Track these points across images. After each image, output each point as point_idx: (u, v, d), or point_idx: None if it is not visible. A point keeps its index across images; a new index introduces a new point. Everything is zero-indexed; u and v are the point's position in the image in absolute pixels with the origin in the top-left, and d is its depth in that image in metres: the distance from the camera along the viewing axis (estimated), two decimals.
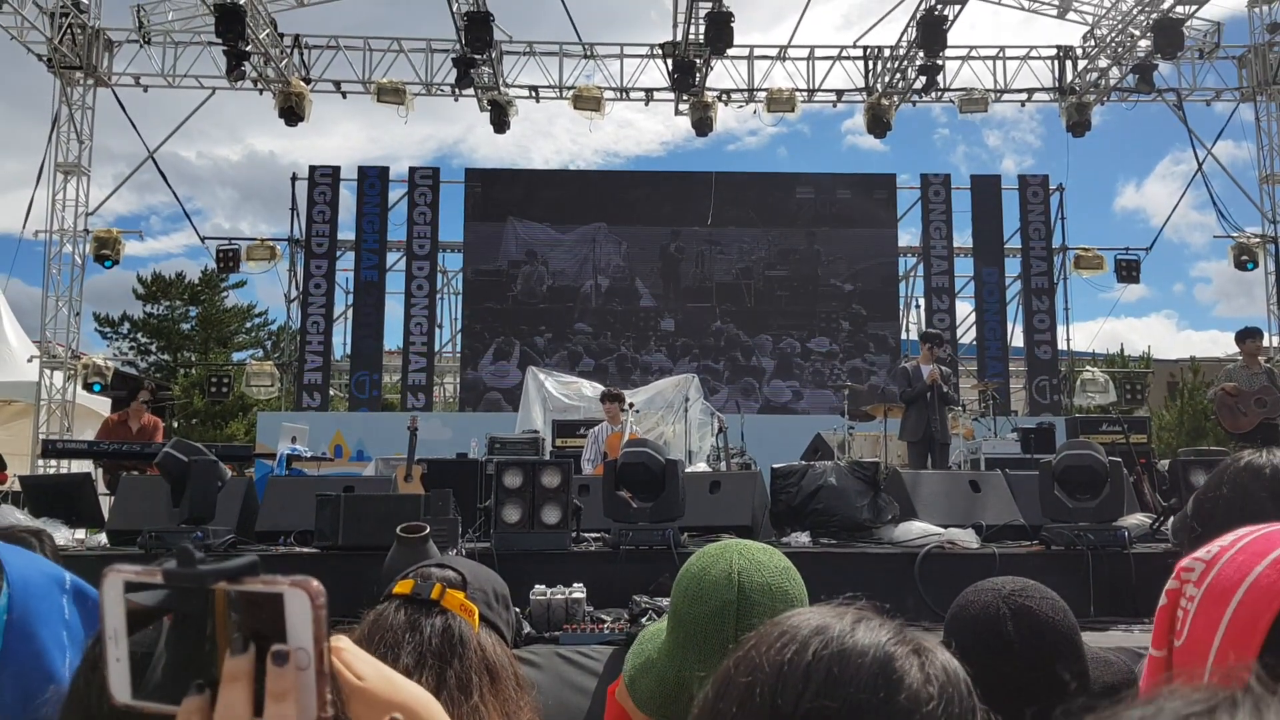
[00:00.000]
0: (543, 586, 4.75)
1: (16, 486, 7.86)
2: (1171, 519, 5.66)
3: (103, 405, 15.37)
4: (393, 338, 18.54)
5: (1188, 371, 27.34)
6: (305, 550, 5.67)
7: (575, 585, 4.79)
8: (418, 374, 17.57)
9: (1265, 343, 12.23)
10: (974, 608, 1.74)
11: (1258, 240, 16.37)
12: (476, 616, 1.53)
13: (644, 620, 4.37)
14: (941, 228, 18.36)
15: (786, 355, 18.45)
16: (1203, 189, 16.82)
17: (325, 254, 17.73)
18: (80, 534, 6.90)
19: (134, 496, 6.49)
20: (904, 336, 18.28)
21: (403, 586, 1.55)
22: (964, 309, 18.54)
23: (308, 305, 17.57)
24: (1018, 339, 18.33)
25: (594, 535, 5.94)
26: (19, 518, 6.04)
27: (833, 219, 18.74)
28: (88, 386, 15.18)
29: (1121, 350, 28.76)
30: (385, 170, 18.38)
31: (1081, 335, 43.07)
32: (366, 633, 1.51)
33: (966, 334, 18.53)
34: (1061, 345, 18.17)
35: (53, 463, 12.66)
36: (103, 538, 6.51)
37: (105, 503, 7.16)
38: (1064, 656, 1.69)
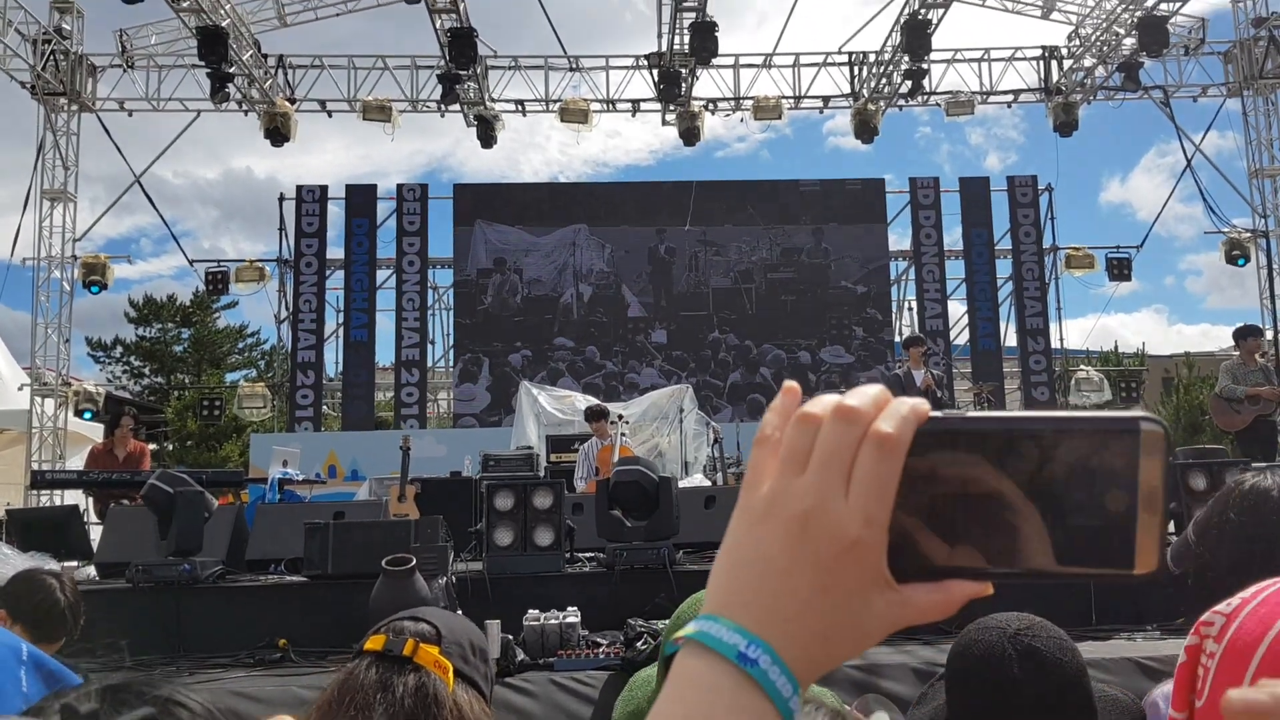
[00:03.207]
0: (536, 611, 4.69)
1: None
2: (1171, 544, 5.59)
3: (96, 431, 15.27)
4: (385, 354, 18.45)
5: (1182, 367, 27.32)
6: (295, 579, 5.59)
7: (569, 609, 4.73)
8: (410, 391, 17.43)
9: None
10: (978, 648, 1.68)
11: (1248, 235, 16.34)
12: (451, 673, 1.46)
13: (639, 644, 4.30)
14: (931, 231, 18.27)
15: (795, 368, 16.96)
16: (1190, 181, 16.82)
17: (314, 273, 17.62)
18: (73, 564, 6.81)
19: (123, 528, 6.40)
20: (897, 339, 18.07)
21: (374, 642, 1.49)
22: (956, 310, 18.53)
23: (298, 325, 17.48)
24: (1011, 339, 18.30)
25: (588, 555, 5.88)
26: (6, 552, 5.97)
27: (838, 216, 17.77)
28: (79, 413, 15.10)
29: (1115, 347, 28.78)
30: (373, 188, 18.33)
31: (1074, 333, 43.12)
32: (336, 694, 1.44)
33: (960, 336, 18.50)
34: (1055, 344, 18.13)
35: (44, 493, 12.58)
36: (91, 570, 6.43)
37: (97, 532, 7.08)
38: (1072, 699, 1.64)
